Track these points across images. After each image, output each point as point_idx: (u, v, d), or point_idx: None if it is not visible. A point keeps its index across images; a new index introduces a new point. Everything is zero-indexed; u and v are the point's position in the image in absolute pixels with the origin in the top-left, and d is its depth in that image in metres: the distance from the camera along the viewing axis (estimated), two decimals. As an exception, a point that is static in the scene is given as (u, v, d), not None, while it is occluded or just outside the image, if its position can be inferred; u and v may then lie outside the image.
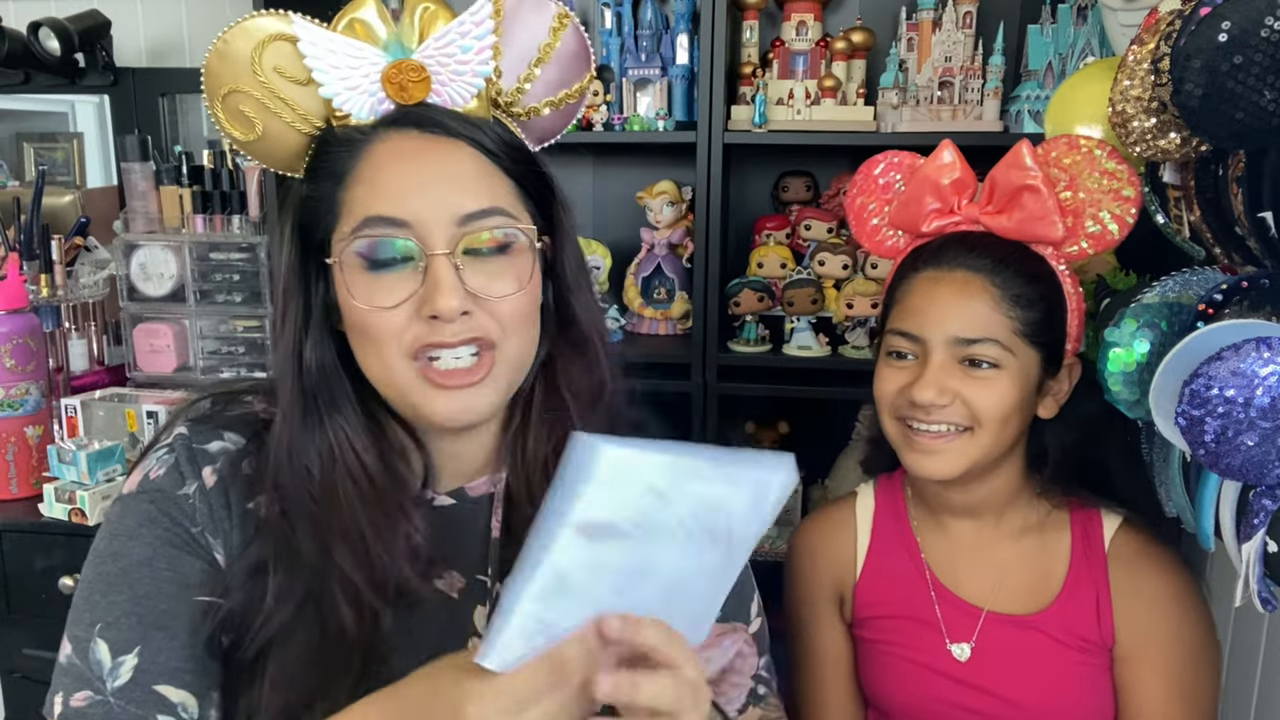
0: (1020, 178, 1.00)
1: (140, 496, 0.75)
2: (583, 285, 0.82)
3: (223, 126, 0.76)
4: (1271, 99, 0.74)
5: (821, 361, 1.71)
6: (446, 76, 0.74)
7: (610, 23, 1.79)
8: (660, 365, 1.76)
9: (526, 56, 0.78)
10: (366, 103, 0.74)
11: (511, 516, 0.80)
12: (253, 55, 0.73)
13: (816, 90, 1.68)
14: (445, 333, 0.71)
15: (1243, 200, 0.86)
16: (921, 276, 1.02)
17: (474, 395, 0.73)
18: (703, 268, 1.68)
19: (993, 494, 1.07)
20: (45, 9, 2.03)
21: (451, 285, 0.70)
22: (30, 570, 1.62)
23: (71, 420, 1.75)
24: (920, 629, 1.09)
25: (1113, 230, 1.01)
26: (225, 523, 0.75)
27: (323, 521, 0.73)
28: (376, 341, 0.72)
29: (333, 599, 0.72)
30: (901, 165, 1.11)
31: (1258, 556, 0.83)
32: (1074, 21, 1.62)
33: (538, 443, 0.80)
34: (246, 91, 0.74)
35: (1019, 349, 0.99)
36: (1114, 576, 1.04)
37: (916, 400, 0.99)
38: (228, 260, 1.97)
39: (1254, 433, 0.77)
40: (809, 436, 1.93)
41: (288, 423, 0.75)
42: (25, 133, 2.29)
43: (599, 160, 2.02)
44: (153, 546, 0.73)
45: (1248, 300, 0.86)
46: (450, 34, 0.73)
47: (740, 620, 0.87)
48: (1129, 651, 1.03)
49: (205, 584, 0.73)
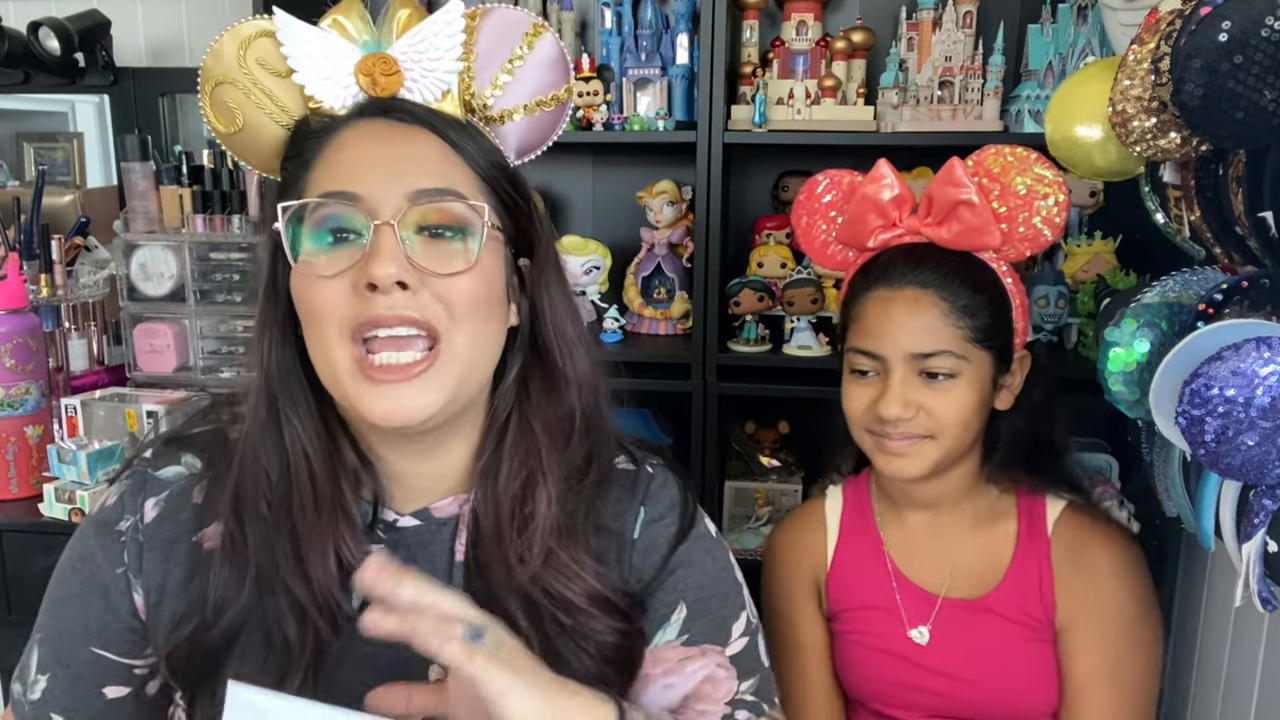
0: (955, 194, 1.06)
1: (89, 528, 0.79)
2: (561, 311, 0.80)
3: (209, 120, 0.78)
4: (1271, 99, 0.74)
5: (821, 361, 1.71)
6: (418, 72, 0.76)
7: (610, 22, 1.79)
8: (660, 365, 1.76)
9: (501, 62, 0.80)
10: (340, 94, 0.76)
11: (477, 539, 0.77)
12: (240, 49, 0.76)
13: (816, 90, 1.68)
14: (380, 305, 0.68)
15: (1243, 200, 0.86)
16: (874, 296, 1.09)
17: (412, 391, 0.70)
18: (703, 268, 1.68)
19: (951, 486, 1.14)
20: (45, 9, 2.02)
21: (391, 252, 0.68)
22: (30, 570, 1.63)
23: (71, 420, 1.75)
24: (883, 617, 1.16)
25: (1045, 233, 1.07)
26: (156, 561, 0.76)
27: (274, 527, 0.73)
28: (318, 322, 0.70)
29: (277, 610, 0.72)
30: (841, 184, 1.19)
31: (1258, 556, 0.83)
32: (1074, 21, 1.62)
33: (510, 473, 0.77)
34: (232, 82, 0.77)
35: (972, 354, 1.06)
36: (1056, 556, 1.11)
37: (885, 416, 1.06)
38: (228, 260, 1.97)
39: (1254, 433, 0.77)
40: (809, 436, 1.93)
41: (253, 423, 0.75)
42: (25, 133, 2.29)
43: (599, 160, 2.02)
44: (81, 585, 0.77)
45: (1248, 300, 0.86)
46: (422, 31, 0.76)
47: (713, 643, 0.81)
48: (1067, 621, 1.09)
49: (104, 635, 0.76)
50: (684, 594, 0.81)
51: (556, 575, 0.74)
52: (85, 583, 0.77)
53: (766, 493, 1.87)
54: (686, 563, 0.82)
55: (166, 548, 0.77)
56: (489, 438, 0.79)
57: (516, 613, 0.74)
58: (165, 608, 0.75)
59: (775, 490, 1.88)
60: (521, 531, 0.75)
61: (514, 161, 0.82)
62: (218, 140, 0.80)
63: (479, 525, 0.77)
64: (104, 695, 0.76)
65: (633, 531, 0.82)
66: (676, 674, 0.79)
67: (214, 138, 0.80)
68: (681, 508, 0.84)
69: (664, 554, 0.81)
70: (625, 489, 0.83)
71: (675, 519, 0.83)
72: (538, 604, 0.74)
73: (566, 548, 0.76)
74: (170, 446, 0.81)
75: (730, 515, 1.89)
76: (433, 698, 0.65)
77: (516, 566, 0.74)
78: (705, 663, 0.80)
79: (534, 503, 0.76)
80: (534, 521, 0.75)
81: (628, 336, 1.86)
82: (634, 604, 0.78)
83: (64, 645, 0.76)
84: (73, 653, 0.76)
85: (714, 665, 0.80)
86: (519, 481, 0.77)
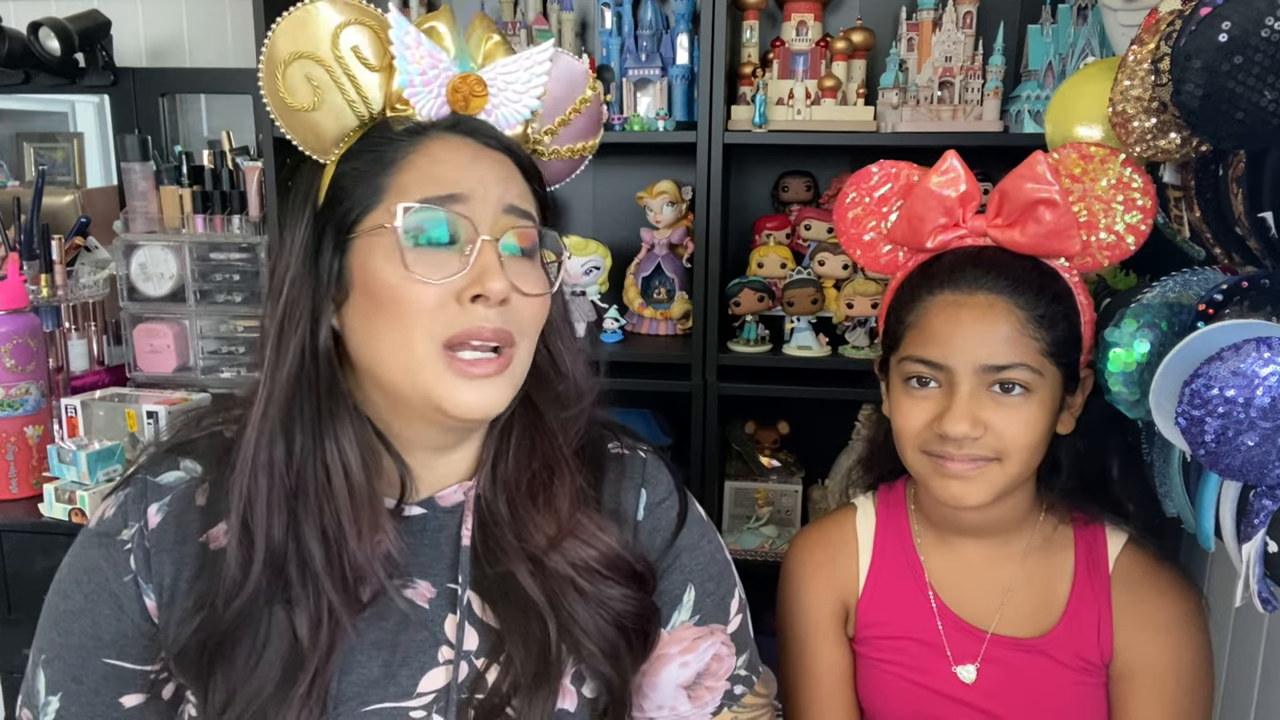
0: (1036, 191, 0.96)
1: (91, 540, 0.78)
2: (557, 314, 0.83)
3: (274, 93, 0.76)
4: (1271, 99, 0.74)
5: (821, 361, 1.71)
6: (503, 99, 0.80)
7: (610, 23, 1.79)
8: (660, 365, 1.76)
9: (559, 108, 0.85)
10: (431, 103, 0.77)
11: (486, 521, 0.80)
12: (336, 29, 0.75)
13: (816, 90, 1.68)
14: (480, 317, 0.71)
15: (1243, 200, 0.86)
16: (939, 300, 0.98)
17: (493, 386, 0.74)
18: (703, 268, 1.68)
19: (1006, 514, 1.04)
20: (45, 9, 2.03)
21: (499, 269, 0.72)
22: (30, 570, 1.63)
23: (71, 420, 1.75)
24: (923, 650, 1.06)
25: (1129, 241, 0.98)
26: (165, 563, 0.76)
27: (299, 518, 0.73)
28: (405, 319, 0.71)
29: (292, 609, 0.72)
30: (898, 177, 1.06)
31: (1258, 556, 0.83)
32: (1074, 21, 1.62)
33: (519, 463, 0.81)
34: (319, 59, 0.75)
35: (1046, 370, 0.96)
36: (1116, 598, 1.02)
37: (949, 434, 0.95)
38: (228, 260, 1.97)
39: (1254, 433, 0.77)
40: (809, 436, 1.93)
41: (268, 416, 0.74)
42: (25, 133, 2.29)
43: (599, 160, 2.00)
44: (87, 598, 0.77)
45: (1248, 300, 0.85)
46: (516, 63, 0.80)
47: (718, 622, 0.87)
48: (1123, 670, 1.01)
49: (118, 644, 0.76)
50: (691, 576, 0.86)
51: (578, 542, 0.78)
52: (91, 596, 0.76)
53: (766, 493, 1.87)
54: (689, 546, 0.86)
55: (175, 549, 0.77)
56: (496, 431, 0.82)
57: (534, 589, 0.77)
58: (176, 605, 0.75)
59: (775, 490, 1.88)
60: (547, 507, 0.79)
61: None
62: (272, 113, 0.78)
63: (488, 509, 0.80)
64: (121, 705, 0.76)
65: (636, 513, 0.85)
66: (692, 652, 0.85)
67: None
68: (677, 490, 0.88)
69: (668, 537, 0.85)
70: (622, 472, 0.86)
71: (674, 502, 0.87)
72: (555, 573, 0.77)
73: (588, 515, 0.80)
74: (169, 453, 0.81)
75: (730, 515, 1.89)
76: None
77: (539, 539, 0.77)
78: (713, 641, 0.86)
79: (555, 480, 0.79)
80: (558, 498, 0.79)
81: (628, 336, 1.86)
82: (650, 572, 0.82)
83: (75, 661, 0.76)
84: (85, 667, 0.76)
85: (719, 644, 0.86)
86: (539, 461, 0.80)
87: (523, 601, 0.77)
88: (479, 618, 0.78)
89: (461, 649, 0.76)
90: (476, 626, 0.78)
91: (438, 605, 0.78)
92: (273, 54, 0.75)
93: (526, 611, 0.76)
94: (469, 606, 0.78)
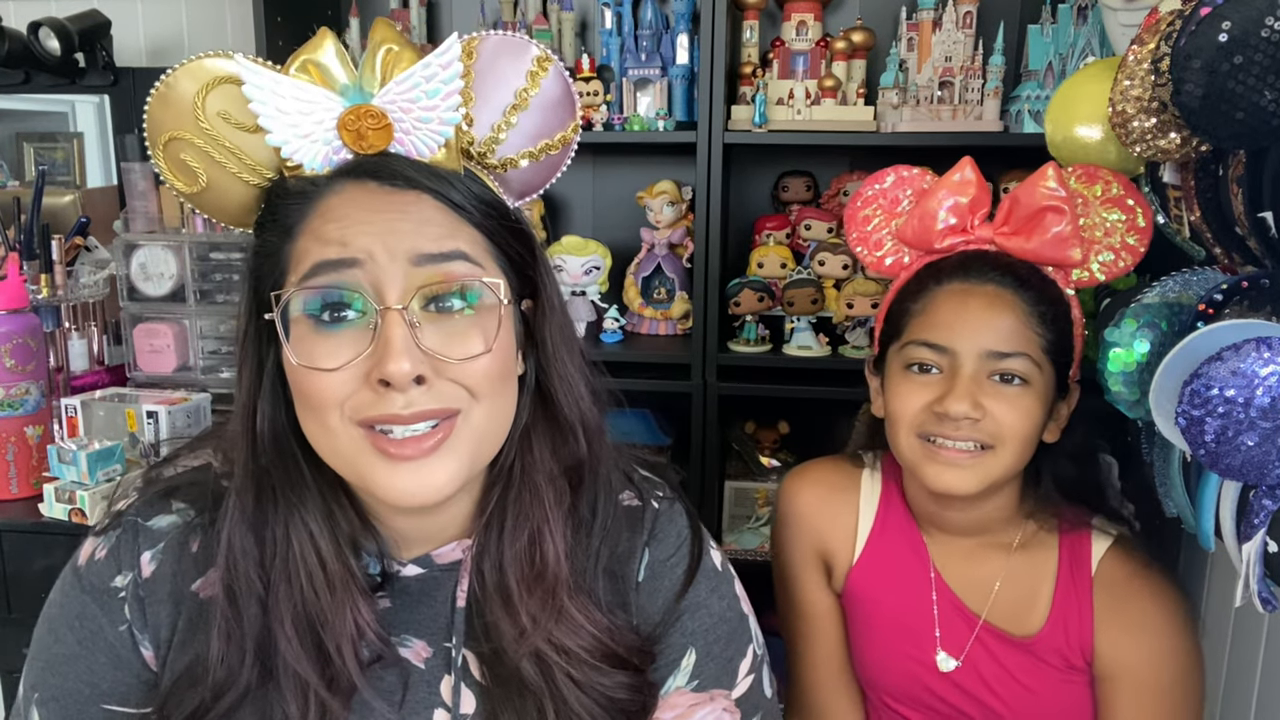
0: (1045, 198, 1.01)
1: (80, 583, 0.74)
2: (565, 358, 0.75)
3: (166, 177, 0.70)
4: (1271, 99, 0.74)
5: (821, 361, 1.71)
6: (410, 124, 0.67)
7: (610, 23, 1.79)
8: (660, 365, 1.76)
9: (503, 103, 0.72)
10: (321, 151, 0.67)
11: (483, 592, 0.74)
12: (196, 99, 0.66)
13: (816, 90, 1.68)
14: (397, 404, 0.63)
15: (1243, 200, 0.86)
16: (947, 289, 1.02)
17: (430, 468, 0.65)
18: (703, 268, 1.68)
19: (989, 515, 1.07)
20: (45, 9, 2.03)
21: (403, 345, 0.62)
22: (30, 570, 1.63)
23: (71, 420, 1.75)
24: (917, 624, 1.09)
25: (1125, 259, 1.04)
26: (161, 614, 0.73)
27: (271, 609, 0.69)
28: (318, 409, 0.65)
29: (279, 691, 0.69)
30: (913, 181, 1.11)
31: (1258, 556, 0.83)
32: (1074, 21, 1.62)
33: (516, 524, 0.73)
34: (188, 139, 0.68)
35: (1044, 365, 0.99)
36: (1098, 601, 1.03)
37: (950, 413, 0.97)
38: (228, 260, 1.97)
39: (1254, 433, 0.77)
40: (809, 436, 1.93)
41: (240, 501, 0.70)
42: (25, 133, 2.29)
43: (599, 160, 2.02)
44: (80, 644, 0.73)
45: (1248, 300, 0.86)
46: (414, 77, 0.65)
47: (721, 687, 0.79)
48: (1105, 672, 1.03)
49: (117, 692, 0.73)
50: (693, 639, 0.79)
51: (566, 631, 0.72)
52: (85, 643, 0.73)
53: (766, 493, 1.87)
54: (694, 606, 0.80)
55: (170, 600, 0.74)
56: (494, 488, 0.75)
57: (527, 669, 0.72)
58: (173, 658, 0.73)
59: (775, 490, 1.88)
60: (532, 590, 0.72)
61: (514, 204, 0.76)
62: (180, 198, 0.72)
63: (484, 577, 0.74)
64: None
65: (637, 574, 0.79)
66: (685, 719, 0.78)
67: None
68: (690, 543, 0.81)
69: (670, 598, 0.79)
70: (629, 528, 0.80)
71: (683, 557, 0.81)
72: (546, 658, 0.72)
73: (576, 602, 0.73)
74: (160, 494, 0.77)
75: (730, 515, 1.89)
76: None
77: (528, 626, 0.71)
78: (713, 708, 0.78)
79: (543, 559, 0.72)
80: (544, 580, 0.72)
81: (628, 337, 1.86)
82: (643, 655, 0.76)
83: (71, 706, 0.73)
84: (82, 713, 0.73)
85: (720, 710, 0.79)
86: (525, 535, 0.73)
87: (517, 680, 0.73)
88: (475, 679, 0.74)
89: (458, 712, 0.74)
90: (473, 688, 0.74)
91: (434, 665, 0.74)
92: (150, 139, 0.69)
93: (521, 690, 0.73)
94: (464, 668, 0.74)
